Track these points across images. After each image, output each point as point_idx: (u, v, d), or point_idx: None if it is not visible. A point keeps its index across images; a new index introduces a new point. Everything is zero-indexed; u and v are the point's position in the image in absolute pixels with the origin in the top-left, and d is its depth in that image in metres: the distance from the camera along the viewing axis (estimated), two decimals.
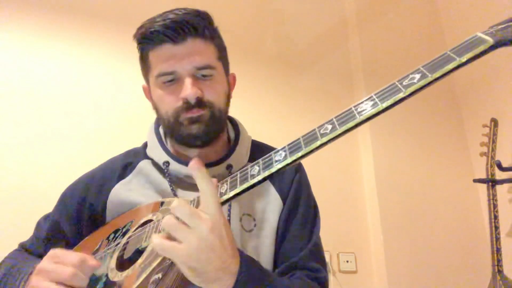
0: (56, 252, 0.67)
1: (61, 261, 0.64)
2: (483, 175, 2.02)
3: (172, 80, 0.81)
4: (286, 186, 0.87)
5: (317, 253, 0.84)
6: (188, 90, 0.78)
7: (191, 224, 0.55)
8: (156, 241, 0.55)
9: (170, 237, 0.56)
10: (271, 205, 0.85)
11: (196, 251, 0.54)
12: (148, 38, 0.82)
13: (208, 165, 0.85)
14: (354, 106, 0.49)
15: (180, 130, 0.81)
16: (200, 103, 0.80)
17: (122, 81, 1.82)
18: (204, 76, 0.82)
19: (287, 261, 0.80)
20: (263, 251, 0.81)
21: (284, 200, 0.86)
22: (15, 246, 0.92)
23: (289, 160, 0.55)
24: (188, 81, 0.79)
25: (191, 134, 0.81)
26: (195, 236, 0.54)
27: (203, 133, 0.81)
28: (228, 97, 0.89)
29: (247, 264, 0.61)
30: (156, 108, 0.87)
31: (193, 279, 0.56)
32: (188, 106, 0.79)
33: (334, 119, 0.51)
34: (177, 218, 0.56)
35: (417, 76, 0.45)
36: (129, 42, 0.88)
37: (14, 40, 1.71)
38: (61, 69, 1.76)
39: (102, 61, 1.84)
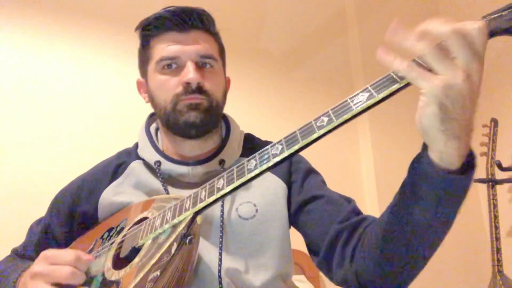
0: (48, 253, 0.66)
1: (56, 261, 0.63)
2: (483, 175, 2.01)
3: (174, 66, 0.81)
4: (284, 168, 0.87)
5: (348, 203, 0.80)
6: (191, 73, 0.78)
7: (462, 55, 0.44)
8: (404, 67, 0.46)
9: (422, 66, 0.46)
10: (271, 189, 0.84)
11: (456, 87, 0.44)
12: (154, 25, 0.82)
13: (201, 161, 0.86)
14: (350, 98, 0.49)
15: (177, 118, 0.80)
16: (200, 89, 0.80)
17: (123, 82, 1.81)
18: (206, 65, 0.83)
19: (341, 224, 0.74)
20: (270, 234, 0.80)
21: (287, 182, 0.85)
22: (12, 246, 0.92)
23: (286, 154, 0.55)
24: (191, 66, 0.79)
25: (188, 121, 0.80)
26: (459, 70, 0.44)
27: (200, 121, 0.80)
28: (225, 94, 0.89)
29: None
30: (152, 99, 0.86)
31: (437, 124, 0.47)
32: (188, 90, 0.79)
33: (330, 111, 0.50)
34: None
35: None
36: (129, 43, 0.88)
37: (14, 40, 1.71)
38: (62, 70, 1.76)
39: (103, 62, 1.84)
